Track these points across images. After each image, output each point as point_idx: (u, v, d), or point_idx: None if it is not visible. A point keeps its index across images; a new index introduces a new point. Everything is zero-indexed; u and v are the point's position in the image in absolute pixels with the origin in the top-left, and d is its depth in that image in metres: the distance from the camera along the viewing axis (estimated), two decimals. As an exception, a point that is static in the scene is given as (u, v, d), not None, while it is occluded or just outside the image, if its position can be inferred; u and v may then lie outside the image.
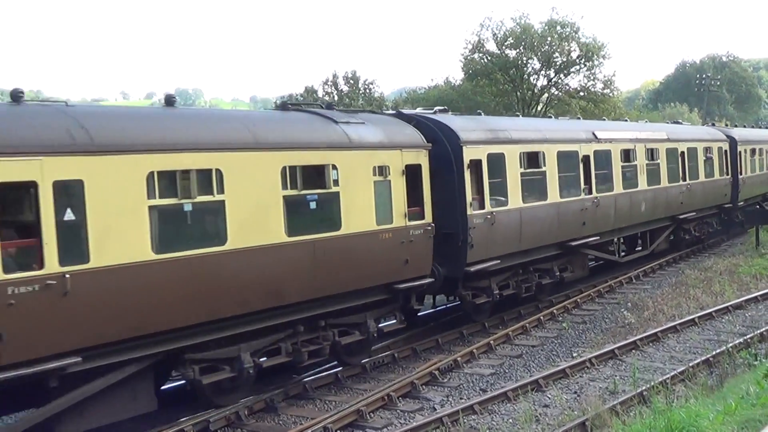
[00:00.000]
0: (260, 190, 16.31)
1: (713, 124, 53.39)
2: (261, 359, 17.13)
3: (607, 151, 29.13)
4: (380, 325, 19.95)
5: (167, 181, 14.78)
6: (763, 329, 21.68)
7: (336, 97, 75.61)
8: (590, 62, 69.73)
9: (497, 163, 23.13)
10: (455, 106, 61.96)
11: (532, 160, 24.63)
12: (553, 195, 25.50)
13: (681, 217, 35.40)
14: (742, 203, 42.05)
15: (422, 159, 20.58)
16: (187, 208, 15.10)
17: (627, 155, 30.50)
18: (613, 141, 29.75)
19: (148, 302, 14.34)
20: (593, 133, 28.95)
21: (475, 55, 71.28)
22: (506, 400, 17.17)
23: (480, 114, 28.23)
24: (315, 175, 17.63)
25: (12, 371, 12.46)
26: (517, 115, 37.34)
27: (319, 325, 18.20)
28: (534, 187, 24.68)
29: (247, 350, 16.57)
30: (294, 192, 16.98)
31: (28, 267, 12.72)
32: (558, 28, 69.16)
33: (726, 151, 40.76)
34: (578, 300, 27.12)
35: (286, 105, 20.68)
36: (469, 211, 21.67)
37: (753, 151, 45.20)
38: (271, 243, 16.37)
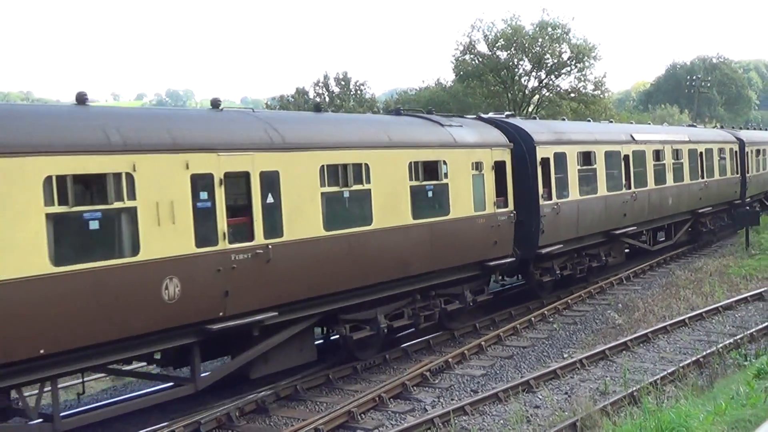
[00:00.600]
0: (394, 181, 20.03)
1: (722, 127, 56.23)
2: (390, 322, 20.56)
3: (642, 151, 32.82)
4: (477, 297, 23.64)
5: (332, 173, 18.33)
6: (753, 330, 21.76)
7: (327, 99, 75.60)
8: (581, 63, 69.83)
9: (561, 160, 26.81)
10: (446, 107, 62.10)
11: (586, 158, 28.42)
12: (602, 189, 29.17)
13: (699, 211, 38.82)
14: (749, 199, 45.49)
15: (506, 156, 24.40)
16: (346, 194, 18.69)
17: (657, 155, 34.10)
18: (647, 142, 33.40)
19: (320, 269, 17.79)
20: (631, 135, 32.71)
21: (466, 57, 71.31)
22: (497, 401, 17.20)
23: (535, 118, 34.18)
24: (431, 169, 21.39)
25: (233, 321, 15.95)
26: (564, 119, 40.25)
27: (430, 294, 21.80)
28: (587, 182, 28.40)
29: (381, 313, 20.22)
30: (417, 183, 20.78)
31: (244, 239, 16.15)
32: (549, 29, 69.24)
33: (736, 152, 44.39)
34: (569, 301, 27.17)
35: (399, 111, 24.60)
36: (540, 202, 25.35)
37: (758, 151, 48.58)
38: (401, 224, 20.12)
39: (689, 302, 26.65)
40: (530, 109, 70.10)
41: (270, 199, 16.76)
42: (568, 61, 70.08)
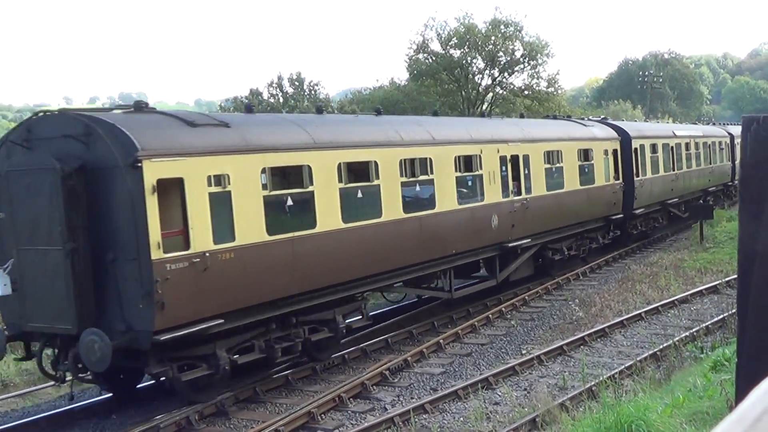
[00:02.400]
0: (570, 162, 30.80)
1: (714, 123, 67.65)
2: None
3: (679, 143, 42.98)
4: (605, 239, 35.04)
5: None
6: (709, 322, 21.95)
7: (281, 99, 75.38)
8: (534, 61, 70.08)
9: (643, 150, 37.45)
10: (401, 106, 62.08)
11: (653, 149, 38.92)
12: (662, 171, 39.74)
13: (709, 190, 49.28)
14: (736, 182, 51.79)
15: (617, 146, 35.30)
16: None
17: (687, 146, 44.30)
18: (681, 137, 43.85)
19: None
20: (673, 132, 44.00)
21: (420, 56, 71.35)
22: (457, 398, 17.22)
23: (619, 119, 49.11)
24: (586, 154, 32.26)
25: (514, 242, 26.57)
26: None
27: (584, 235, 32.64)
28: (657, 164, 38.95)
29: (564, 243, 30.76)
30: (581, 162, 31.75)
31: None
32: (502, 27, 69.42)
33: (728, 143, 54.37)
34: (526, 297, 27.28)
35: (548, 116, 38.05)
36: (635, 177, 35.85)
37: None
38: (573, 189, 30.95)
39: (645, 296, 26.84)
40: (484, 107, 70.27)
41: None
42: (521, 59, 70.34)
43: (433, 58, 70.76)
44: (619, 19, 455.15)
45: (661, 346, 19.66)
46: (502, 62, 70.15)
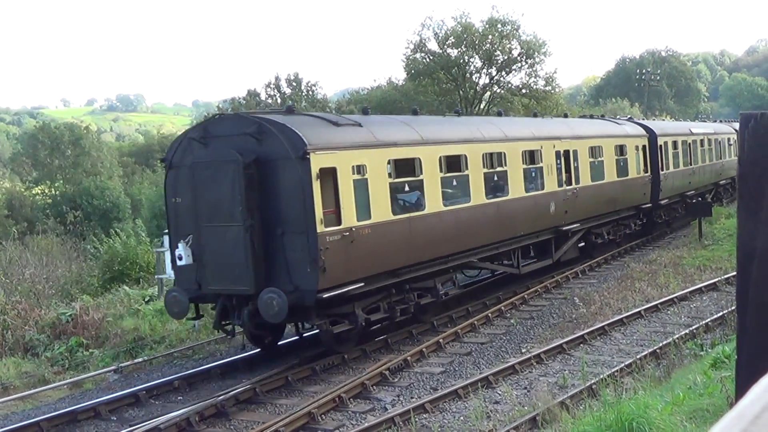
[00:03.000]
0: (609, 156, 34.78)
1: (721, 121, 68.59)
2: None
3: (695, 140, 46.43)
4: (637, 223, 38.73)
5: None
6: (708, 320, 21.95)
7: (279, 100, 75.39)
8: (531, 60, 70.07)
9: (667, 146, 40.96)
10: (398, 106, 62.06)
11: (675, 146, 42.42)
12: (684, 164, 43.58)
13: (720, 183, 52.30)
14: None
15: (646, 142, 38.88)
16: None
17: (702, 143, 47.72)
18: (697, 134, 47.36)
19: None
20: (690, 129, 47.21)
21: (417, 55, 71.31)
22: (457, 398, 17.23)
23: (630, 118, 49.28)
24: (621, 149, 36.19)
25: (567, 227, 30.22)
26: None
27: (618, 221, 36.06)
28: (678, 159, 42.64)
29: (603, 228, 34.84)
30: (617, 156, 35.51)
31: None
32: (499, 26, 69.39)
33: (735, 140, 55.80)
34: (525, 296, 27.28)
35: (591, 116, 43.14)
36: (660, 171, 39.39)
37: None
38: (610, 181, 34.80)
39: (645, 294, 26.84)
40: (482, 106, 70.28)
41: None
42: (519, 58, 70.33)
43: (431, 58, 70.74)
44: (617, 18, 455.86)
45: (661, 344, 19.64)
46: (499, 61, 70.15)
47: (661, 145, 39.84)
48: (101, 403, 18.26)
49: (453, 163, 23.88)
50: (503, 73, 71.32)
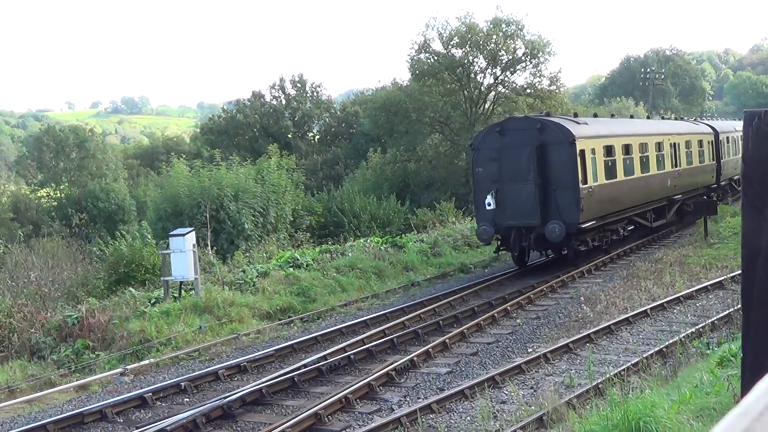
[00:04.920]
0: (694, 149, 44.80)
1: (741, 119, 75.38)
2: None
3: (737, 136, 54.55)
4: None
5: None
6: (714, 318, 21.92)
7: (284, 101, 75.47)
8: (536, 59, 69.86)
9: (725, 141, 52.62)
10: (402, 106, 61.97)
11: (728, 139, 53.78)
12: (735, 152, 54.51)
13: (735, 178, 59.32)
14: None
15: (712, 138, 48.93)
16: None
17: (728, 140, 54.74)
18: (726, 132, 54.64)
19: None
20: (734, 127, 56.21)
21: (422, 55, 71.10)
22: (463, 398, 17.22)
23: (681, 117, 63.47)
24: (700, 143, 46.32)
25: (676, 196, 41.93)
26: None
27: (685, 200, 44.05)
28: (729, 151, 53.54)
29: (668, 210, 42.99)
30: (699, 148, 45.24)
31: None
32: (503, 26, 69.15)
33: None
34: (531, 296, 27.26)
35: (683, 117, 59.23)
36: (721, 160, 50.46)
37: None
38: (696, 166, 44.88)
39: (650, 293, 26.80)
40: (486, 106, 70.19)
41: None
42: (523, 57, 70.09)
43: (435, 58, 70.58)
44: (621, 17, 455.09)
45: (667, 343, 19.62)
46: (503, 61, 69.93)
47: (721, 140, 51.47)
48: (108, 405, 18.29)
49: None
50: (508, 73, 71.09)
